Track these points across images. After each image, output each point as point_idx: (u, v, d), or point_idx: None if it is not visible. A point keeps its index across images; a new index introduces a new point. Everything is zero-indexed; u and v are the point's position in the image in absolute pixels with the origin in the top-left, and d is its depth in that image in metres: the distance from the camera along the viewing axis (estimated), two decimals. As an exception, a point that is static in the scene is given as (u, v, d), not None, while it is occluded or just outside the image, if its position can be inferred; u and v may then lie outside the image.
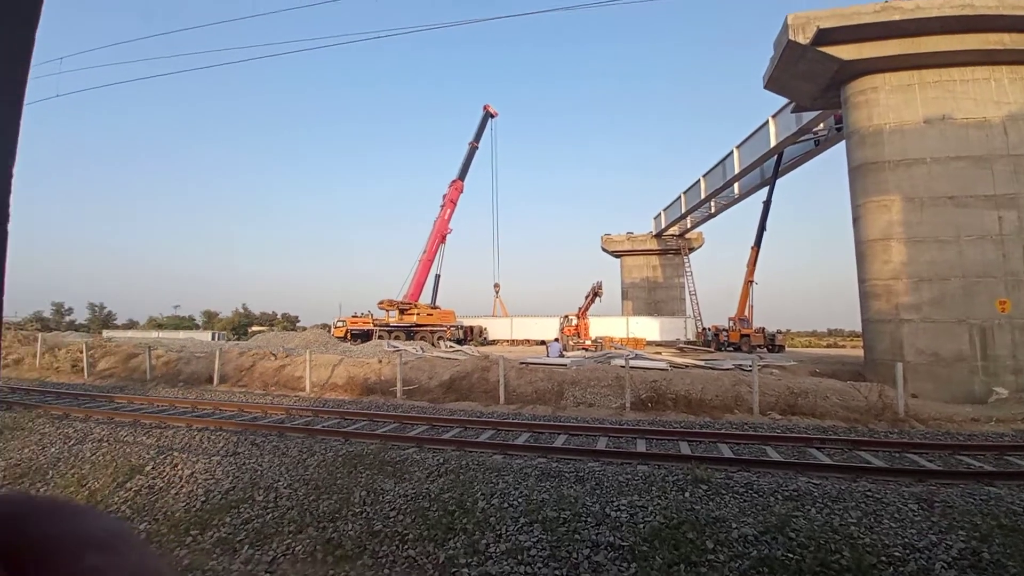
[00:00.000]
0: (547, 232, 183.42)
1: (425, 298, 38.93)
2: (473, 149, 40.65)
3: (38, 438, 8.48)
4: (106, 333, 46.85)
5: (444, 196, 39.46)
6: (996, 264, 14.14)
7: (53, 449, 7.97)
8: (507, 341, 42.68)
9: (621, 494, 5.75)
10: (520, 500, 5.57)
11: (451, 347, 28.39)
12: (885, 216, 15.05)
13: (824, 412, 11.07)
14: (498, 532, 4.94)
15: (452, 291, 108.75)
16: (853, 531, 4.75)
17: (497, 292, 46.11)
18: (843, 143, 17.31)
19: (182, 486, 6.51)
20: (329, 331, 36.76)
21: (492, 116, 41.83)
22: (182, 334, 48.53)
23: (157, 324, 63.42)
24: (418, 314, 35.96)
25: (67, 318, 62.95)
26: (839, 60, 14.96)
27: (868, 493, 5.71)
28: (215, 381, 16.33)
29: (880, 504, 5.38)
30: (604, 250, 51.12)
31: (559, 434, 9.27)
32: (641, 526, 4.93)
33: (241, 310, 66.54)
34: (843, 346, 42.17)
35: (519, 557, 4.54)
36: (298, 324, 65.00)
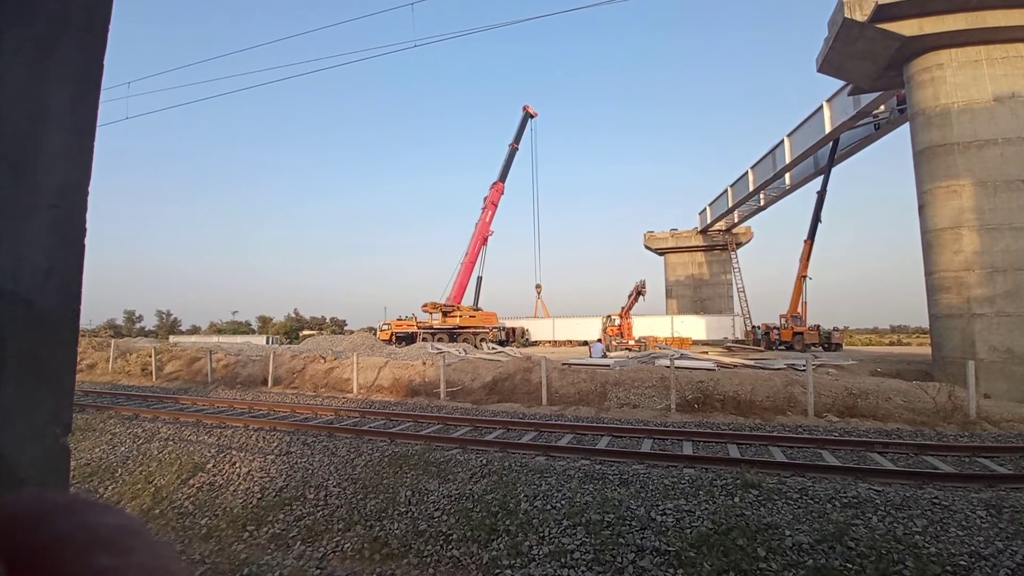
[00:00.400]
0: (589, 230, 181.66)
1: (467, 300, 39.43)
2: (513, 151, 40.82)
3: (109, 438, 9.14)
4: (172, 338, 49.98)
5: (485, 198, 39.84)
6: (1083, 252, 12.91)
7: (123, 448, 8.58)
8: (549, 342, 42.59)
9: (667, 498, 5.63)
10: (563, 502, 5.55)
11: (493, 348, 28.62)
12: (955, 202, 14.04)
13: (887, 414, 10.42)
14: (541, 534, 4.94)
15: (494, 293, 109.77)
16: (918, 540, 4.45)
17: (539, 293, 46.05)
18: (906, 126, 16.31)
19: (240, 483, 6.86)
20: (375, 334, 37.84)
21: (532, 116, 41.85)
22: (239, 338, 51.14)
23: (217, 329, 67.14)
24: (461, 316, 36.44)
25: (137, 325, 67.60)
26: (900, 37, 14.10)
27: (935, 500, 5.34)
28: (269, 383, 17.12)
29: (947, 512, 5.02)
30: (647, 248, 50.13)
31: (602, 435, 9.17)
32: (688, 531, 4.80)
33: (293, 315, 69.41)
34: (908, 343, 39.61)
35: (563, 560, 4.52)
36: (346, 328, 67.19)
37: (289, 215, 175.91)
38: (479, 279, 40.13)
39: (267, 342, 47.76)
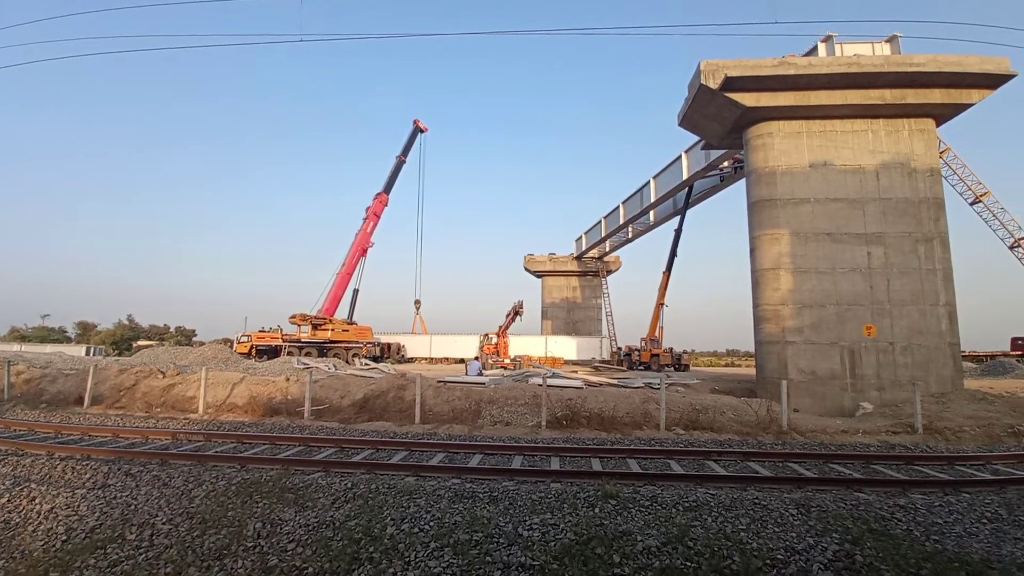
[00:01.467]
0: (471, 250, 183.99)
1: (342, 313, 37.31)
2: (400, 163, 40.11)
3: None
4: (-49, 345, 39.93)
5: (367, 209, 38.40)
6: (864, 294, 16.17)
7: None
8: (426, 359, 41.89)
9: (534, 512, 5.76)
10: (432, 524, 5.39)
11: (366, 364, 27.35)
12: (776, 248, 16.71)
13: (721, 427, 11.89)
14: (407, 559, 4.72)
15: (371, 307, 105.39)
16: (743, 537, 5.08)
17: (418, 309, 45.24)
18: (744, 180, 19.08)
19: (40, 523, 5.61)
20: (231, 347, 33.99)
21: (422, 131, 41.61)
22: (49, 347, 42.58)
23: (20, 336, 55.19)
24: (333, 330, 34.33)
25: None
26: (742, 106, 16.57)
27: (756, 501, 6.16)
28: (86, 402, 14.40)
29: (766, 511, 5.82)
30: (527, 270, 52.13)
31: (475, 454, 9.15)
32: (552, 544, 4.94)
33: (126, 322, 59.74)
34: (739, 365, 45.87)
35: (427, 584, 4.36)
36: (195, 339, 59.46)
37: (119, 199, 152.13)
38: (355, 292, 38.32)
39: (88, 353, 40.37)
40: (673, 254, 33.42)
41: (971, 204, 26.15)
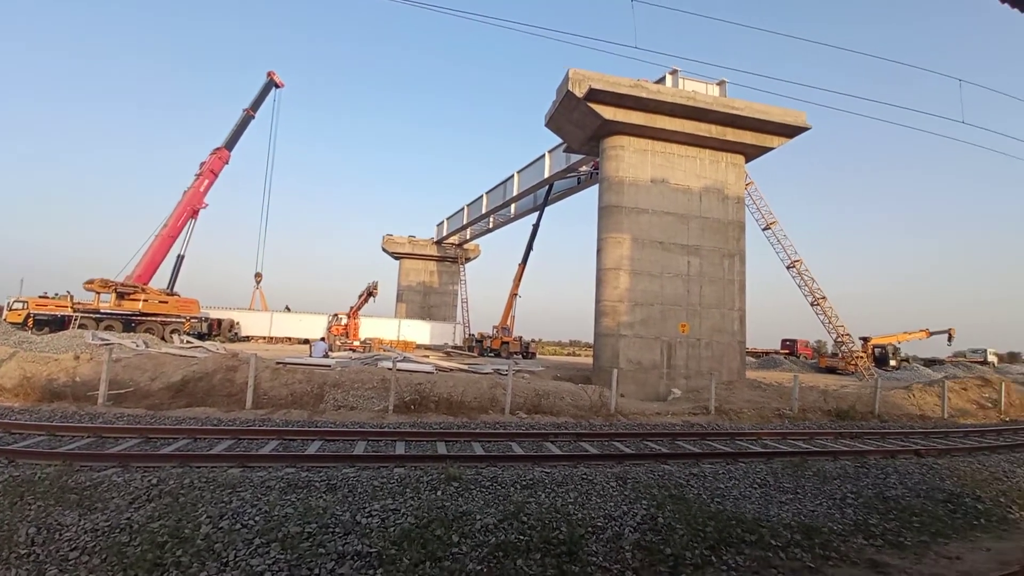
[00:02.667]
0: (325, 225, 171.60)
1: (161, 282, 32.02)
2: (248, 118, 35.49)
3: None
4: None
5: (202, 164, 33.32)
6: (683, 296, 18.81)
7: None
8: (265, 338, 38.21)
9: (375, 499, 5.60)
10: (258, 518, 4.92)
11: (189, 342, 23.96)
12: (619, 250, 18.55)
13: (560, 410, 12.89)
14: (224, 560, 4.24)
15: (201, 278, 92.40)
16: (571, 509, 5.58)
17: (258, 283, 40.89)
18: (597, 186, 20.76)
19: None
20: (1, 314, 27.09)
21: (277, 86, 37.27)
22: None
23: None
24: (146, 300, 29.30)
25: None
26: (602, 117, 17.94)
27: (584, 476, 6.81)
28: None
29: (591, 485, 6.47)
30: (384, 250, 50.40)
31: (314, 440, 8.60)
32: (392, 529, 4.86)
33: None
34: (579, 355, 50.19)
35: (247, 583, 3.98)
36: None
37: None
38: (180, 258, 33.13)
39: None
40: (530, 247, 35.14)
41: (763, 230, 31.97)
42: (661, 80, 19.54)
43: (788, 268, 32.94)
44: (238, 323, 37.30)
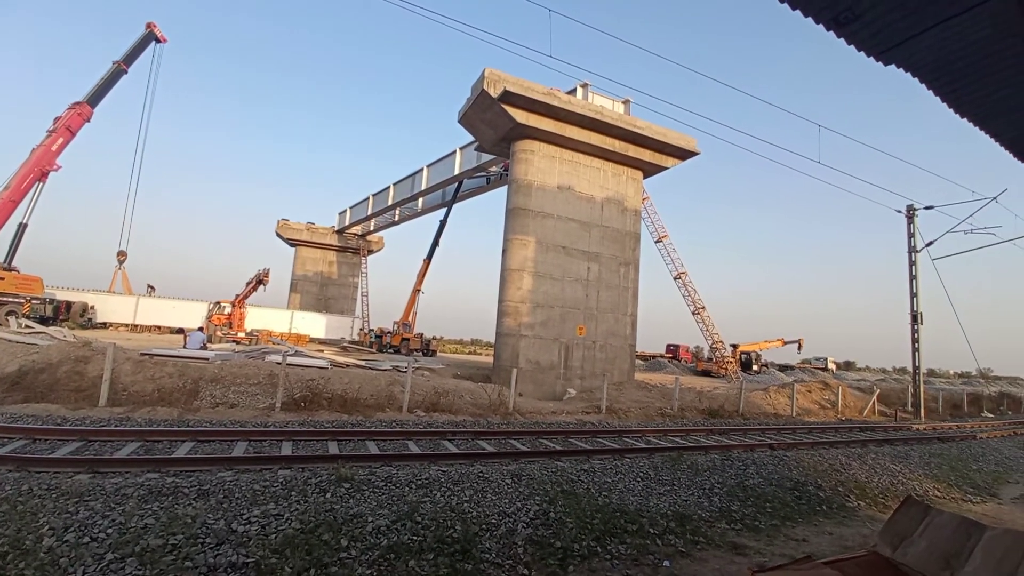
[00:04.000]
0: (209, 203, 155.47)
1: (-8, 255, 26.86)
2: (119, 71, 30.82)
3: None
4: None
5: (57, 119, 28.41)
6: (582, 300, 19.70)
7: None
8: (128, 326, 33.72)
9: (254, 504, 5.17)
10: (112, 530, 4.30)
11: (28, 327, 20.41)
12: (523, 252, 18.95)
13: (459, 408, 12.87)
14: (67, 576, 3.66)
15: (49, 253, 79.11)
16: (466, 507, 5.58)
17: (121, 262, 35.88)
18: (506, 187, 21.04)
19: None
20: None
21: (158, 41, 32.82)
22: None
23: None
24: (-28, 275, 24.48)
25: None
26: (514, 120, 18.20)
27: (480, 474, 6.86)
28: None
29: (487, 482, 6.53)
30: (279, 236, 46.84)
31: (184, 441, 7.74)
32: (273, 536, 4.51)
33: None
34: (480, 354, 50.53)
35: (95, 604, 3.47)
36: None
37: None
38: (22, 227, 28.01)
39: None
40: (436, 244, 34.68)
41: (656, 242, 34.59)
42: (572, 91, 20.31)
43: (675, 279, 35.96)
44: (93, 307, 32.47)
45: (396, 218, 42.21)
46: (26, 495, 4.83)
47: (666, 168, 21.65)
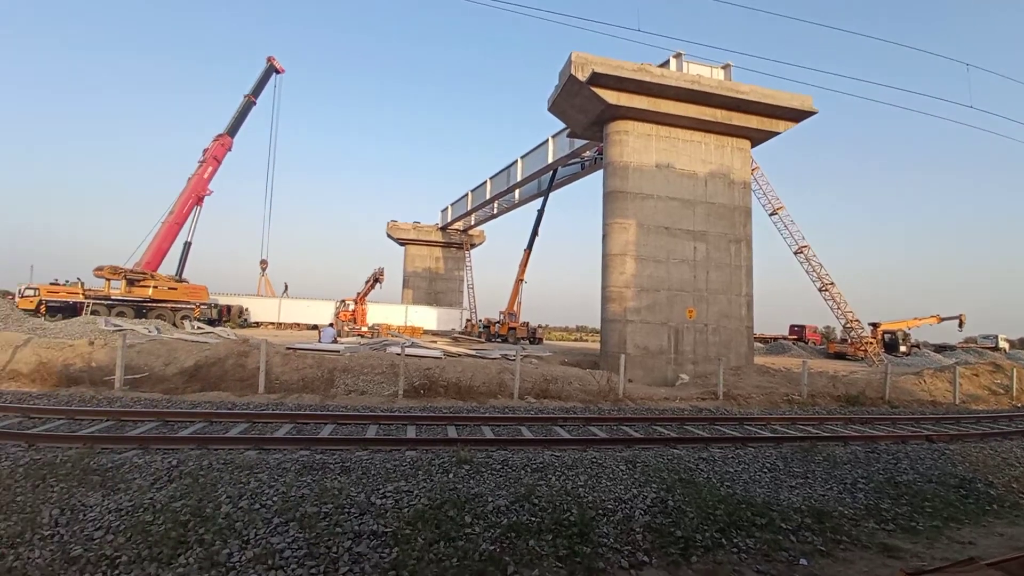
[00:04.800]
0: (331, 211, 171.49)
1: (169, 269, 32.26)
2: (249, 103, 35.33)
3: None
4: None
5: (205, 151, 33.33)
6: (689, 282, 18.76)
7: None
8: (274, 324, 38.54)
9: (388, 481, 5.71)
10: (276, 498, 5.04)
11: (199, 328, 24.21)
12: (624, 236, 18.48)
13: (568, 395, 12.99)
14: (245, 538, 4.36)
15: (209, 265, 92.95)
16: (581, 492, 5.67)
17: (264, 270, 41.07)
18: (602, 171, 20.62)
19: None
20: (14, 301, 27.41)
21: (277, 71, 37.02)
22: None
23: None
24: (155, 287, 29.57)
25: None
26: (605, 102, 17.74)
27: (594, 460, 6.90)
28: None
29: (601, 468, 6.56)
30: (390, 236, 50.40)
31: (326, 424, 8.74)
32: (406, 510, 4.97)
33: None
34: (586, 340, 50.30)
35: (269, 562, 4.09)
36: (-48, 289, 46.69)
37: None
38: (187, 245, 33.32)
39: None
40: (535, 233, 35.02)
41: (770, 215, 31.69)
42: (665, 64, 19.25)
43: (796, 254, 32.70)
44: (247, 309, 37.65)
45: (495, 211, 43.28)
46: (206, 469, 5.79)
47: (777, 133, 19.72)
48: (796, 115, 19.30)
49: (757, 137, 20.19)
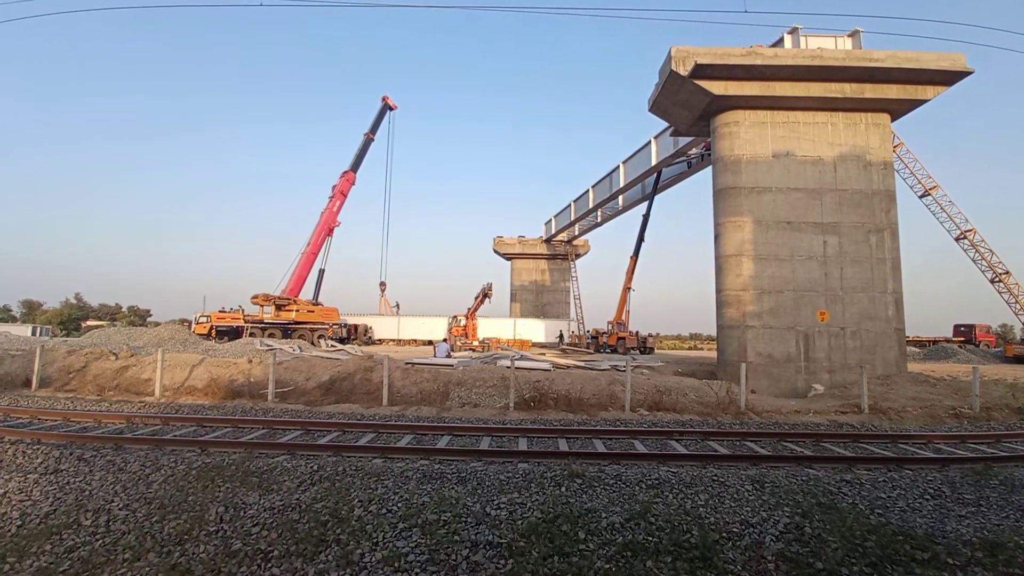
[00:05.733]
0: (440, 231, 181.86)
1: (307, 294, 36.51)
2: (368, 141, 39.09)
3: None
4: None
5: (334, 187, 37.46)
6: (819, 281, 16.86)
7: None
8: (393, 341, 41.57)
9: (502, 492, 5.84)
10: (400, 505, 5.40)
11: (332, 346, 26.92)
12: (739, 235, 17.19)
13: (683, 407, 12.30)
14: (375, 540, 4.73)
15: (337, 288, 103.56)
16: (702, 512, 5.30)
17: (383, 291, 44.65)
18: (710, 168, 19.45)
19: (-10, 508, 5.36)
20: (190, 328, 32.82)
21: (391, 109, 40.56)
22: (-9, 327, 40.13)
23: (-45, 315, 51.77)
24: (297, 311, 33.57)
25: None
26: (711, 94, 16.79)
27: (715, 478, 6.43)
28: (34, 385, 13.73)
29: (723, 487, 6.09)
30: (496, 252, 52.04)
31: (443, 435, 9.19)
32: (519, 522, 5.03)
33: (73, 301, 56.73)
34: (701, 348, 47.35)
35: (396, 564, 4.39)
36: (149, 319, 57.19)
37: (65, 167, 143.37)
38: (321, 272, 37.54)
39: (34, 333, 38.32)
40: (641, 239, 33.91)
41: (920, 197, 27.48)
42: (778, 43, 17.71)
43: (957, 240, 28.00)
44: (371, 328, 41.12)
45: (598, 219, 42.78)
46: (341, 474, 6.37)
47: (925, 100, 17.05)
48: (947, 77, 16.56)
49: (898, 109, 17.67)
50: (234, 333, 31.81)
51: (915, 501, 5.92)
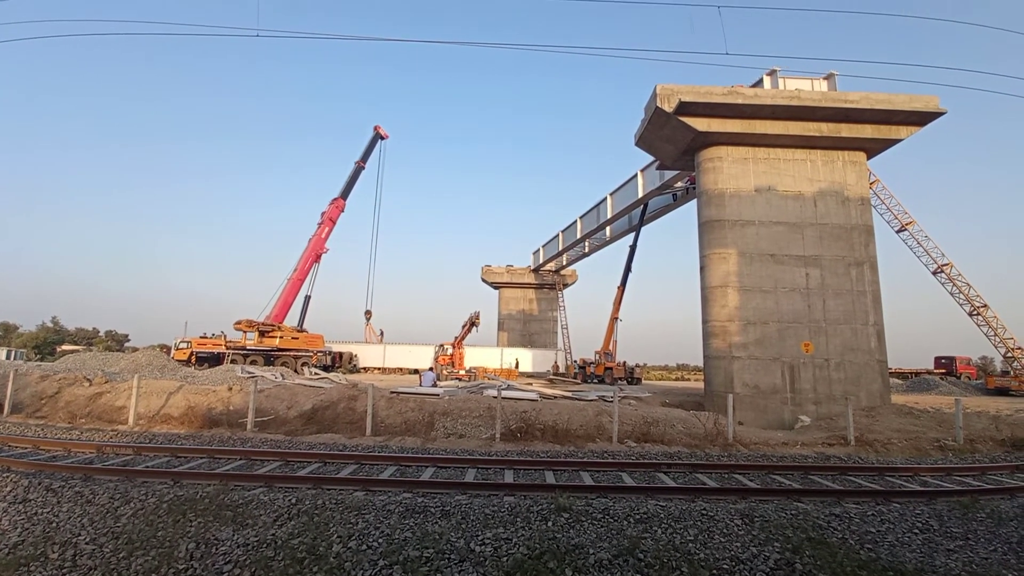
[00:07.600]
0: (428, 260, 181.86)
1: (292, 320, 35.98)
2: (359, 169, 39.42)
3: None
4: None
5: (323, 213, 37.46)
6: (803, 312, 17.10)
7: None
8: (379, 369, 40.95)
9: (487, 527, 5.67)
10: (381, 540, 5.21)
11: (316, 374, 26.41)
12: (724, 266, 17.45)
13: (671, 439, 12.19)
14: (353, 578, 4.54)
15: (323, 315, 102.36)
16: (691, 548, 5.19)
17: (368, 319, 44.17)
18: (695, 201, 19.87)
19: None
20: (169, 353, 32.05)
21: (382, 138, 41.12)
22: (-39, 351, 38.77)
23: (-77, 338, 50.02)
24: (281, 337, 33.01)
25: None
26: (695, 130, 17.30)
27: (704, 512, 6.32)
28: (6, 410, 13.26)
29: (712, 521, 5.98)
30: (484, 281, 52.08)
31: (427, 467, 8.96)
32: (505, 559, 4.87)
33: (50, 324, 55.24)
34: (688, 379, 47.35)
35: (374, 604, 4.21)
36: (127, 344, 55.78)
37: (43, 188, 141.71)
38: (307, 298, 37.12)
39: (8, 357, 37.07)
40: (628, 269, 34.22)
41: (897, 232, 28.28)
42: (758, 83, 18.41)
43: (935, 274, 28.72)
44: (356, 356, 40.49)
45: (586, 249, 43.19)
46: (320, 508, 6.15)
47: (899, 140, 17.75)
48: (920, 118, 17.29)
49: (873, 148, 18.36)
50: (215, 360, 31.12)
51: (904, 535, 5.87)
